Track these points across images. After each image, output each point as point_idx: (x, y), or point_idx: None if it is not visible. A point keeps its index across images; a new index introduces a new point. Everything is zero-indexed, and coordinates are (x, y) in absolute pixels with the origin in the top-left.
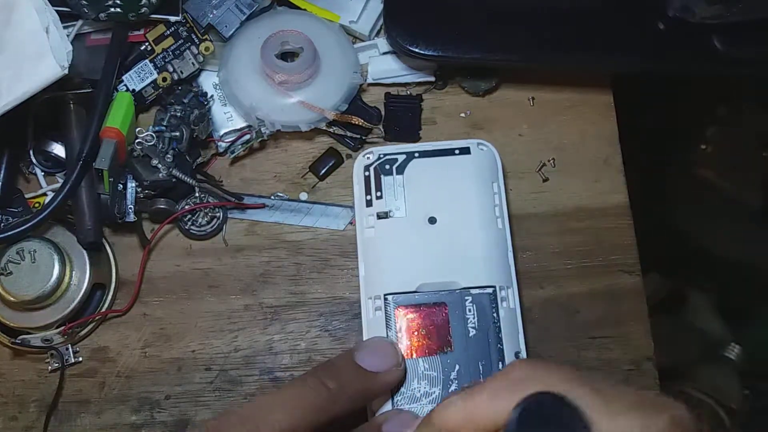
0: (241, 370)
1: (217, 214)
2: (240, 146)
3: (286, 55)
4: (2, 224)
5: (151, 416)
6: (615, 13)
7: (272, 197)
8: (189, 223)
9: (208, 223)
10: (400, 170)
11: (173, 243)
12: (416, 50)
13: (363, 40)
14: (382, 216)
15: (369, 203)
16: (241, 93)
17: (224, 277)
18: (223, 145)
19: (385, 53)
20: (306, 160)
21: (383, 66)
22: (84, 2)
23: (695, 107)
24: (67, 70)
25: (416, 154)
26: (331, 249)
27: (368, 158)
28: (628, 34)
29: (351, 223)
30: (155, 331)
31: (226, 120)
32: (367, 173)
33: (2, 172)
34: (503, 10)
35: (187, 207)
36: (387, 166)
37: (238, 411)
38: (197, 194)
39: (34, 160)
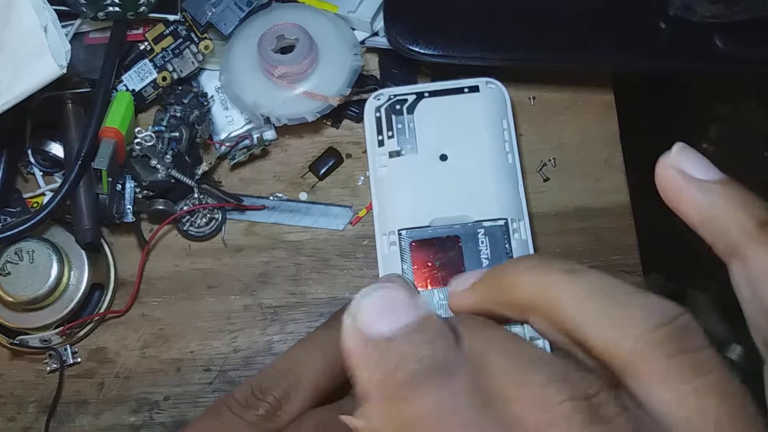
0: (241, 371)
1: (216, 216)
2: (240, 152)
3: (286, 50)
4: (1, 224)
5: (150, 417)
6: (616, 13)
7: (271, 197)
8: (187, 224)
9: (207, 224)
10: (411, 110)
11: (172, 243)
12: (416, 50)
13: (364, 30)
14: (394, 155)
15: (381, 143)
16: (243, 93)
17: (224, 278)
18: (224, 149)
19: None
20: (306, 160)
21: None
22: (82, 1)
23: (696, 107)
24: (65, 69)
25: (426, 94)
26: (331, 249)
27: (378, 99)
28: (629, 34)
29: (351, 223)
30: (154, 331)
31: (227, 124)
32: (378, 114)
33: (0, 171)
34: (504, 10)
35: (186, 208)
36: (397, 107)
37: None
38: (196, 195)
39: (32, 160)
